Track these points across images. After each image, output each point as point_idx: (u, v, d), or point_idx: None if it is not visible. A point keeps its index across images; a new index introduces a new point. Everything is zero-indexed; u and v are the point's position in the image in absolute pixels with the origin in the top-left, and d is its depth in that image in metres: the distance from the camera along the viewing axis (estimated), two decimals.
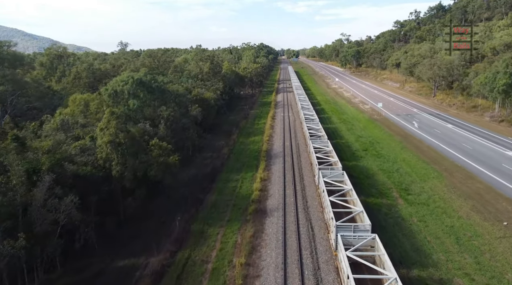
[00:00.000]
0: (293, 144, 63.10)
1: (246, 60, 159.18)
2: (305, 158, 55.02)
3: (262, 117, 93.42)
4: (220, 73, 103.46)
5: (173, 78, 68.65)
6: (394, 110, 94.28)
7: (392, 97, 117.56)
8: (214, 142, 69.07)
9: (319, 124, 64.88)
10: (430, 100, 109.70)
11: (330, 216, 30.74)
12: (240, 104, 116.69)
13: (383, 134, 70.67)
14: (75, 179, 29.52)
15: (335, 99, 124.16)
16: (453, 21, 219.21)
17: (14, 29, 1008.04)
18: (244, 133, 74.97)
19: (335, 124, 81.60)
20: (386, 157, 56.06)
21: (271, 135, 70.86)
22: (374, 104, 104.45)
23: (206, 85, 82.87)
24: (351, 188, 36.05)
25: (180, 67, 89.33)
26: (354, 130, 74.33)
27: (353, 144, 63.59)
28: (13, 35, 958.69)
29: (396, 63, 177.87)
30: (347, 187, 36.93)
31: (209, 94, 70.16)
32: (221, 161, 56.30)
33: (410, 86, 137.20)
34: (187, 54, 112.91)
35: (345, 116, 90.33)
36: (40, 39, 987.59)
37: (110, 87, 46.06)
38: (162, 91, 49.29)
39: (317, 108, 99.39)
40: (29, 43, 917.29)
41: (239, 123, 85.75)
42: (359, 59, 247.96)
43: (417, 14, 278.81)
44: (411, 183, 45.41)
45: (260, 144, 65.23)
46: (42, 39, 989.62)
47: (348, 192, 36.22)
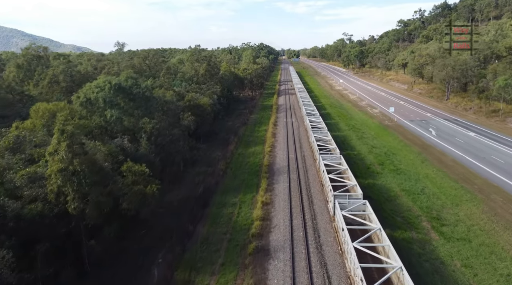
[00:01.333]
0: (299, 157, 55.61)
1: (246, 61, 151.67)
2: (314, 174, 47.53)
3: (263, 123, 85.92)
4: (218, 75, 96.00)
5: (163, 81, 61.21)
6: (406, 115, 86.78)
7: (401, 100, 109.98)
8: (210, 153, 61.59)
9: (328, 134, 57.28)
10: (443, 104, 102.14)
11: (355, 271, 23.13)
12: (239, 107, 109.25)
13: (399, 144, 63.16)
14: (18, 223, 22.17)
15: (340, 102, 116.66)
16: (460, 20, 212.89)
17: (13, 29, 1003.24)
18: (243, 142, 67.45)
19: (344, 131, 74.05)
20: (406, 173, 48.54)
21: (274, 145, 63.34)
22: (383, 108, 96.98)
23: (202, 88, 75.44)
24: (379, 228, 27.94)
25: (174, 68, 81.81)
26: (366, 139, 66.78)
27: (366, 157, 56.05)
28: (13, 35, 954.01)
29: (402, 64, 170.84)
30: (374, 225, 28.90)
31: (204, 100, 62.74)
32: (216, 179, 48.80)
33: (419, 88, 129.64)
34: (183, 54, 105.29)
35: (354, 122, 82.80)
36: (39, 39, 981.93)
37: (83, 94, 38.66)
38: (146, 98, 41.92)
39: (322, 113, 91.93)
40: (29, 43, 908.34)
41: (238, 130, 78.29)
42: (363, 59, 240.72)
43: (421, 13, 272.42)
44: (441, 209, 37.91)
45: (261, 156, 57.73)
46: (42, 40, 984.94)
47: (376, 233, 28.31)
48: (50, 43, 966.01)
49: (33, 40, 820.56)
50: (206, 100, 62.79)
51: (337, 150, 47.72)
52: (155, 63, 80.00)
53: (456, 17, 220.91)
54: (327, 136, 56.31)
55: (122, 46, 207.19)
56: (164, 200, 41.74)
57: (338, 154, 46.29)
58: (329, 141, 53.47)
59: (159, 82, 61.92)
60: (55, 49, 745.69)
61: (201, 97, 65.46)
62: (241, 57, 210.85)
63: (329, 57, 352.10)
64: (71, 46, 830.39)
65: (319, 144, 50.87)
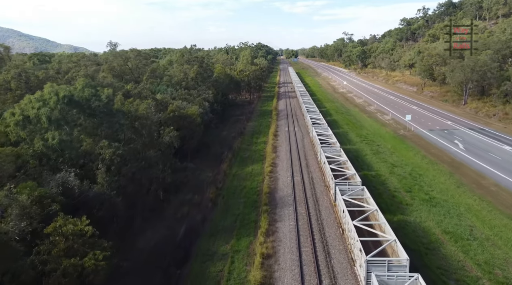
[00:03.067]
0: (306, 180, 45.61)
1: (243, 62, 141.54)
2: (327, 206, 37.57)
3: (262, 132, 75.87)
4: (211, 78, 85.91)
5: (143, 87, 50.89)
6: (423, 122, 76.89)
7: (414, 105, 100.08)
8: (199, 173, 51.53)
9: (342, 153, 46.90)
10: (461, 109, 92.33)
11: None
12: (236, 113, 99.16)
13: (423, 161, 53.25)
14: None
15: (346, 106, 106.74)
16: (467, 18, 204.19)
17: (10, 29, 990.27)
18: (239, 159, 57.34)
19: (355, 144, 64.06)
20: (443, 204, 38.57)
21: (275, 163, 53.32)
22: (395, 114, 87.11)
23: (192, 94, 65.38)
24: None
25: (159, 71, 71.46)
26: (383, 155, 56.80)
27: (388, 180, 46.06)
28: (9, 35, 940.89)
29: (409, 64, 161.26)
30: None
31: (193, 109, 52.59)
32: (203, 212, 38.72)
33: (430, 91, 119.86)
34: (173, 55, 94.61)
35: (365, 132, 72.81)
36: (36, 39, 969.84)
37: (19, 110, 28.62)
38: (110, 113, 31.91)
39: (328, 120, 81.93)
40: (25, 43, 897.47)
41: (233, 142, 68.21)
42: (365, 59, 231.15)
43: (425, 11, 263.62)
44: (506, 264, 27.96)
45: (260, 179, 47.67)
46: (39, 40, 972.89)
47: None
48: (47, 43, 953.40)
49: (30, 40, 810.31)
50: (194, 109, 52.67)
51: (358, 178, 37.35)
52: (137, 65, 69.77)
53: (462, 16, 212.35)
54: (340, 155, 46.14)
55: (115, 46, 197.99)
56: (134, 247, 31.73)
57: (359, 181, 36.09)
58: (345, 163, 43.18)
59: (139, 88, 51.78)
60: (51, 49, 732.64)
61: (189, 105, 55.31)
62: (239, 57, 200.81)
63: (329, 57, 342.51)
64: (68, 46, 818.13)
65: (335, 170, 40.34)
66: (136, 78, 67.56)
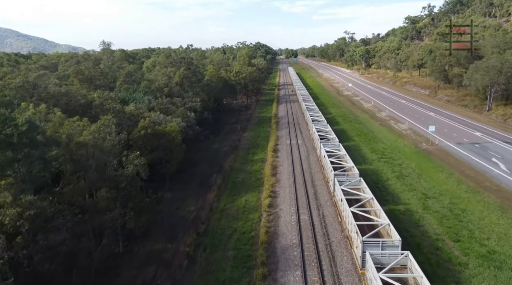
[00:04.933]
0: (316, 221, 34.71)
1: (240, 62, 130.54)
2: (349, 270, 26.67)
3: (260, 146, 64.91)
4: (202, 81, 74.94)
5: (106, 97, 40.04)
6: (446, 133, 65.97)
7: (431, 111, 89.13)
8: (178, 206, 40.63)
9: (363, 185, 35.78)
10: (485, 116, 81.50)
11: None
12: (231, 120, 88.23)
13: (460, 188, 42.32)
14: None
15: (354, 112, 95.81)
16: (475, 15, 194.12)
17: (8, 29, 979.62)
18: (231, 186, 46.25)
19: (372, 162, 53.15)
20: (510, 264, 27.68)
21: (275, 192, 42.39)
22: (412, 122, 76.21)
23: (175, 102, 54.51)
24: None
25: (136, 75, 60.27)
26: (409, 179, 45.84)
27: (423, 219, 35.09)
28: (7, 35, 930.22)
29: (418, 64, 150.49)
30: None
31: (172, 125, 41.62)
32: (173, 279, 27.68)
33: (445, 94, 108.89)
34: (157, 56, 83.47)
35: (381, 146, 61.86)
36: (34, 39, 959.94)
37: None
38: (31, 144, 21.09)
39: (335, 129, 71.12)
40: (23, 43, 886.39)
41: (224, 160, 57.26)
42: (368, 59, 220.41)
43: (430, 9, 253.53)
44: None
45: (256, 218, 36.71)
46: (37, 40, 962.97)
47: None
48: (45, 43, 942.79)
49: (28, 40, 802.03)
50: (174, 125, 41.69)
51: (396, 238, 25.62)
52: (110, 68, 58.59)
53: (470, 13, 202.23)
54: (361, 189, 35.06)
55: (108, 46, 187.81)
56: None
57: (398, 241, 24.90)
58: (372, 206, 31.83)
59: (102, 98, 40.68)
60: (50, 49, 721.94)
61: (169, 118, 44.33)
62: (236, 57, 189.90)
63: (330, 56, 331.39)
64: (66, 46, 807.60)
65: (358, 214, 29.26)
66: (109, 83, 56.77)
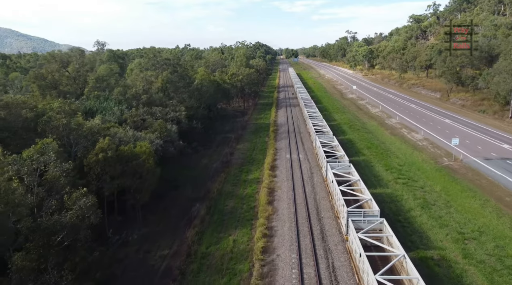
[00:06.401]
0: (324, 275, 26.16)
1: (237, 63, 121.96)
2: None
3: (255, 161, 56.33)
4: (191, 85, 66.40)
5: (65, 108, 31.64)
6: (471, 146, 57.36)
7: (446, 118, 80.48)
8: (148, 248, 32.11)
9: (388, 232, 27.14)
10: (509, 123, 72.89)
11: None
12: (224, 129, 79.70)
13: (503, 222, 33.81)
14: None
15: (361, 118, 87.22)
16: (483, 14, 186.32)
17: (8, 29, 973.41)
18: (216, 218, 37.58)
19: (388, 185, 44.50)
20: None
21: (271, 228, 33.82)
22: (428, 131, 67.55)
23: (155, 113, 46.04)
24: None
25: (108, 81, 51.52)
26: (436, 209, 37.23)
27: (467, 273, 26.46)
28: (7, 35, 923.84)
29: (426, 65, 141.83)
30: None
31: (143, 145, 33.13)
32: None
33: (458, 98, 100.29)
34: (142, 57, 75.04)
35: (396, 161, 53.23)
36: (34, 39, 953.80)
37: None
38: None
39: (341, 139, 62.74)
40: (23, 43, 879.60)
41: (213, 180, 48.65)
42: (372, 59, 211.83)
43: (435, 7, 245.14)
44: None
45: (245, 270, 28.10)
46: (37, 40, 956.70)
47: None
48: (45, 43, 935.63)
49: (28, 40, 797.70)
50: (145, 144, 33.18)
51: None
52: (77, 71, 50.01)
53: (478, 11, 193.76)
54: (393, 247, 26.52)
55: (103, 46, 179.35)
56: None
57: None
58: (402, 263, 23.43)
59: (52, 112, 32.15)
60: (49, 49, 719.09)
61: (140, 135, 35.74)
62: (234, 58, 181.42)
63: (331, 57, 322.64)
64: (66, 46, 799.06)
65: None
66: (79, 88, 48.30)
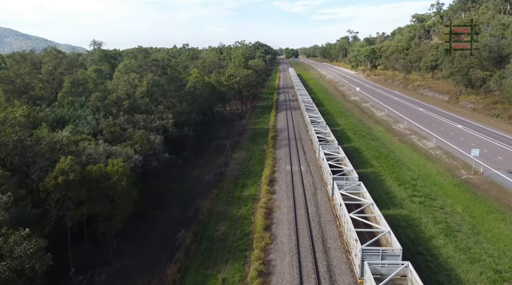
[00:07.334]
0: None
1: (235, 64, 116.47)
2: None
3: (252, 174, 50.79)
4: (183, 88, 60.97)
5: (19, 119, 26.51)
6: (490, 156, 51.83)
7: (457, 122, 75.02)
8: None
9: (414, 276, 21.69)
10: None
11: None
12: (220, 135, 74.18)
13: None
14: None
15: (366, 123, 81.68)
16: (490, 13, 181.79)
17: (7, 29, 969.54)
18: (204, 248, 31.89)
19: (402, 203, 38.94)
20: None
21: (268, 264, 28.29)
22: (441, 139, 61.99)
23: (137, 121, 40.62)
24: None
25: (85, 85, 45.86)
26: (461, 236, 31.68)
27: None
28: (7, 35, 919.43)
29: (431, 66, 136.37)
30: None
31: (116, 164, 27.70)
32: None
33: (469, 101, 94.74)
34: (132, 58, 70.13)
35: (408, 174, 47.67)
36: (34, 39, 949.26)
37: None
38: None
39: (346, 147, 57.38)
40: (23, 43, 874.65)
41: (203, 198, 43.05)
42: (374, 59, 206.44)
43: (439, 6, 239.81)
44: None
45: None
46: (36, 39, 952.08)
47: None
48: (45, 43, 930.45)
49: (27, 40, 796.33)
50: (117, 163, 27.78)
51: None
52: (51, 74, 44.46)
53: (484, 10, 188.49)
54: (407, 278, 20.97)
55: (99, 45, 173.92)
56: None
57: None
58: None
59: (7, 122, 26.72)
60: None
61: (115, 149, 30.34)
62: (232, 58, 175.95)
63: (332, 57, 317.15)
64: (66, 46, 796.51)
65: None
66: (53, 93, 42.93)
